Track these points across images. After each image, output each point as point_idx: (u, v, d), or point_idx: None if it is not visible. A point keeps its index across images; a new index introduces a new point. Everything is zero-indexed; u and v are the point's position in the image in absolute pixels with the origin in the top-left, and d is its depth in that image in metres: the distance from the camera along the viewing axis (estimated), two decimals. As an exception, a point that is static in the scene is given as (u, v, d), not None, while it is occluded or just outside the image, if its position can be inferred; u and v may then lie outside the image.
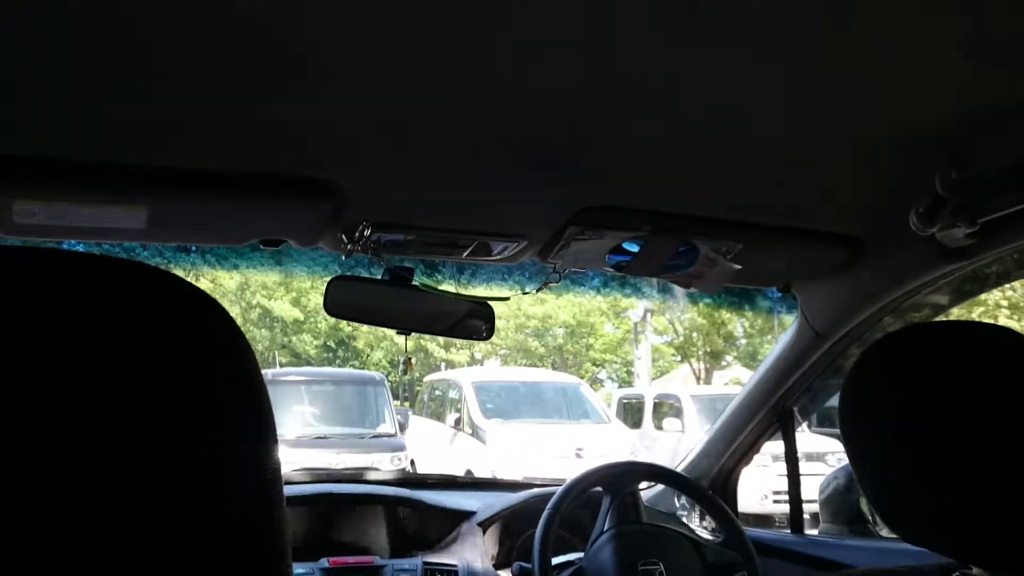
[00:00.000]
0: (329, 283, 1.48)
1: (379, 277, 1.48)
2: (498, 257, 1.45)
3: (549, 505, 1.67)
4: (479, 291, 1.67)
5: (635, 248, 1.40)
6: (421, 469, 9.65)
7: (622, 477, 1.78)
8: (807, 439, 5.55)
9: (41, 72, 0.83)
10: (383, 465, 8.66)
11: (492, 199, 1.28)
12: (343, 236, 1.31)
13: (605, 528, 1.73)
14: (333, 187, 1.16)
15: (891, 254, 1.42)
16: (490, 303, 1.57)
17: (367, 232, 1.29)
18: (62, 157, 1.04)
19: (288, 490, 1.92)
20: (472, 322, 1.59)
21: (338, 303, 1.51)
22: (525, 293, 1.61)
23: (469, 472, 8.43)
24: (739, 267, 1.43)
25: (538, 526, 1.64)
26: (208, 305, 0.39)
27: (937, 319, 1.60)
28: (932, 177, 1.08)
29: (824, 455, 7.10)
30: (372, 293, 1.52)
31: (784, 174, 1.20)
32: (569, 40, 0.80)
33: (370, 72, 0.86)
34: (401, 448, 9.43)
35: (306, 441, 8.99)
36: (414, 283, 1.48)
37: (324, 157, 1.10)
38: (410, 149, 1.08)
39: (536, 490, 2.03)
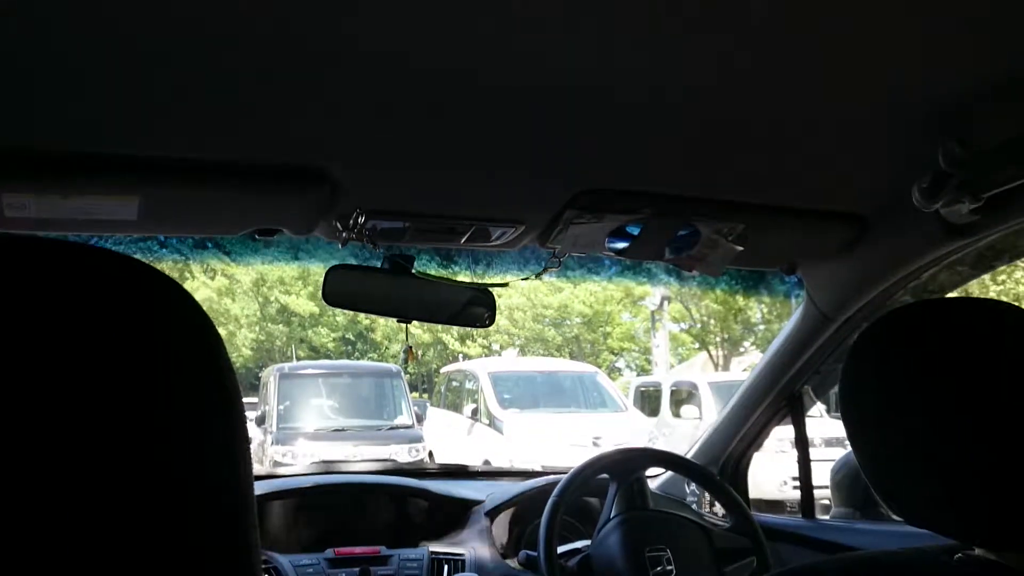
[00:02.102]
0: (328, 272, 1.47)
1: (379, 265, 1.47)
2: (497, 243, 1.44)
3: (554, 493, 1.66)
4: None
5: (635, 231, 1.38)
6: (439, 460, 9.69)
7: (627, 463, 1.77)
8: (826, 424, 5.51)
9: (26, 63, 0.83)
10: (401, 457, 8.71)
11: (486, 184, 1.26)
12: (338, 224, 1.30)
13: (612, 515, 1.72)
14: (325, 175, 1.15)
15: (896, 232, 1.39)
16: (491, 290, 1.56)
17: (361, 220, 1.27)
18: (50, 148, 1.04)
19: (295, 482, 1.93)
20: (474, 310, 1.57)
21: (337, 292, 1.50)
22: (524, 279, 1.59)
23: (487, 462, 8.46)
24: (741, 248, 1.41)
25: (543, 514, 1.63)
26: (179, 298, 0.37)
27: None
28: (935, 153, 1.05)
29: (844, 440, 7.03)
30: (371, 281, 1.50)
31: (785, 153, 1.17)
32: (563, 22, 0.79)
33: (359, 58, 0.85)
34: (419, 439, 9.47)
35: (324, 434, 9.04)
36: (413, 271, 1.47)
37: (314, 145, 1.09)
38: (401, 135, 1.07)
39: (544, 478, 2.03)
